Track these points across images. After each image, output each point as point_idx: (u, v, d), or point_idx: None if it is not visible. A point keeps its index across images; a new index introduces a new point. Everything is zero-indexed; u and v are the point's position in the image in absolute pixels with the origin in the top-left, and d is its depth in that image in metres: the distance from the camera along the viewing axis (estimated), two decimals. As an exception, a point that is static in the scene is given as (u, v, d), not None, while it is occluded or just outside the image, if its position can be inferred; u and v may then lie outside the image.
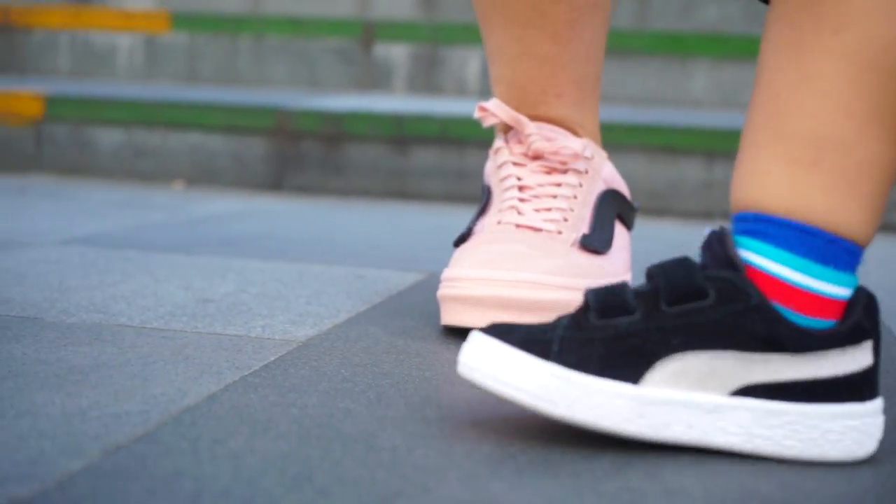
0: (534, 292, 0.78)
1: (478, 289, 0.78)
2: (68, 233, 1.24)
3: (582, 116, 0.90)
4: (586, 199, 0.87)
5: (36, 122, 1.87)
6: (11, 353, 0.71)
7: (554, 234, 0.84)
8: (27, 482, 0.50)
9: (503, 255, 0.80)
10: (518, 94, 0.88)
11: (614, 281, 0.84)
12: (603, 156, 0.90)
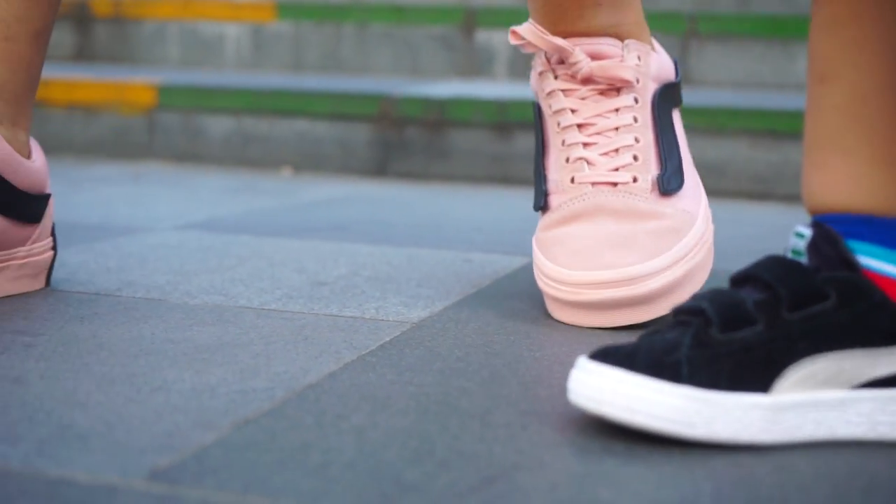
0: (640, 287, 0.78)
1: (584, 294, 0.78)
2: (184, 218, 1.28)
3: (623, 14, 0.84)
4: (646, 119, 0.84)
5: (149, 110, 1.93)
6: (141, 333, 0.75)
7: (630, 184, 0.81)
8: (166, 453, 0.53)
9: (598, 247, 0.79)
10: (554, 10, 0.83)
11: (701, 221, 0.83)
12: (647, 50, 0.85)
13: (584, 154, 0.82)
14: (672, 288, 0.79)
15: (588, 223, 0.80)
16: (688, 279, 0.80)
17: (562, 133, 0.83)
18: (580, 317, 0.79)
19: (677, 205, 0.82)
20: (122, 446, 0.53)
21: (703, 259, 0.83)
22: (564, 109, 0.83)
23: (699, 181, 0.87)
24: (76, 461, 0.51)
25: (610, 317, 0.78)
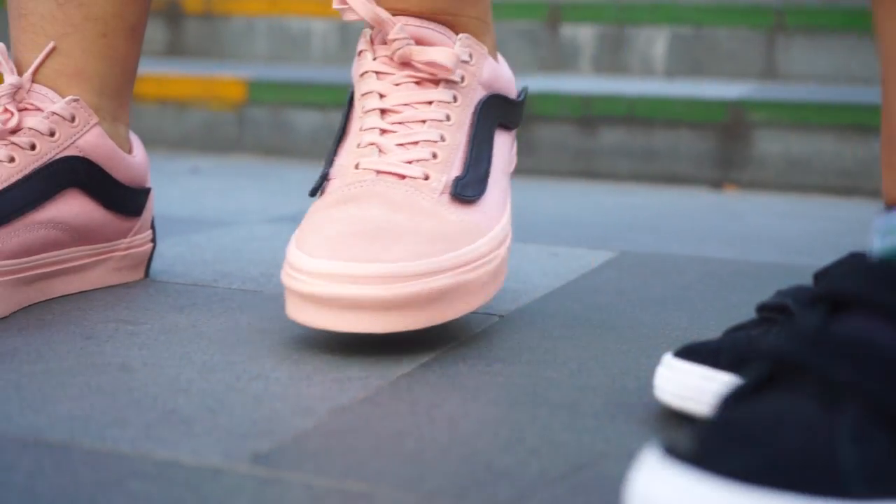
0: (386, 289, 0.66)
1: (316, 285, 0.66)
2: (274, 211, 1.31)
3: (464, 4, 0.77)
4: (461, 120, 0.75)
5: (239, 105, 1.97)
6: (238, 323, 0.77)
7: (420, 181, 0.72)
8: (266, 438, 0.55)
9: (355, 233, 0.68)
10: None
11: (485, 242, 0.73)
12: (482, 53, 0.77)
13: (379, 140, 0.74)
14: (427, 300, 0.68)
15: (355, 208, 0.70)
16: (453, 295, 0.70)
17: (363, 118, 0.75)
18: (311, 314, 0.68)
19: (467, 215, 0.73)
20: (225, 431, 0.56)
21: (480, 280, 0.72)
22: (372, 93, 0.75)
23: (506, 208, 0.79)
24: (181, 444, 0.54)
25: (343, 319, 0.66)
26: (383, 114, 0.75)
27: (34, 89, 0.83)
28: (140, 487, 0.49)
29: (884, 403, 0.37)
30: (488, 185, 0.76)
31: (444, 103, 0.75)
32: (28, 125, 0.81)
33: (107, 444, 0.53)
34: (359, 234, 0.68)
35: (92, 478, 0.49)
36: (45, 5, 0.83)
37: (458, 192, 0.73)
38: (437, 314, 0.69)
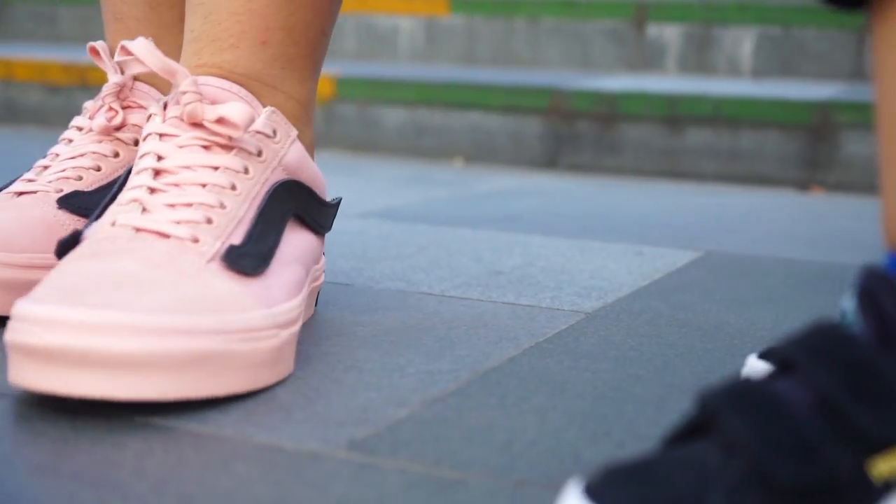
0: (130, 341, 0.54)
1: (46, 336, 0.54)
2: (363, 206, 1.34)
3: (286, 76, 0.71)
4: (249, 193, 0.66)
5: (327, 101, 2.00)
6: (332, 316, 0.79)
7: (187, 242, 0.61)
8: (362, 426, 0.57)
9: (95, 280, 0.56)
10: (211, 30, 0.69)
11: (261, 315, 0.61)
12: (291, 134, 0.70)
13: (143, 197, 0.63)
14: (177, 363, 0.56)
15: (103, 263, 0.59)
16: (218, 366, 0.58)
17: (132, 179, 0.65)
18: (31, 374, 0.55)
19: (240, 287, 0.61)
20: (322, 418, 0.58)
21: (254, 357, 0.60)
22: (150, 154, 0.66)
23: (298, 298, 0.67)
24: (281, 430, 0.56)
25: (71, 380, 0.54)
26: (157, 174, 0.65)
27: (136, 87, 0.85)
28: (244, 469, 0.51)
29: (766, 467, 0.38)
30: (274, 266, 0.65)
31: (233, 171, 0.65)
32: (132, 122, 0.84)
33: (210, 428, 0.56)
34: (103, 282, 0.56)
35: (198, 458, 0.52)
36: (139, 9, 0.86)
37: (233, 261, 0.62)
38: (192, 384, 0.57)
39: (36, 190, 0.80)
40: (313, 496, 0.48)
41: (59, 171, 0.81)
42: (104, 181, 0.81)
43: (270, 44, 0.69)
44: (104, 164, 0.82)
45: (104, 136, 0.83)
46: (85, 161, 0.82)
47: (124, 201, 0.64)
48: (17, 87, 2.31)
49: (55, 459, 0.51)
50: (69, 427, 0.55)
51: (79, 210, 0.79)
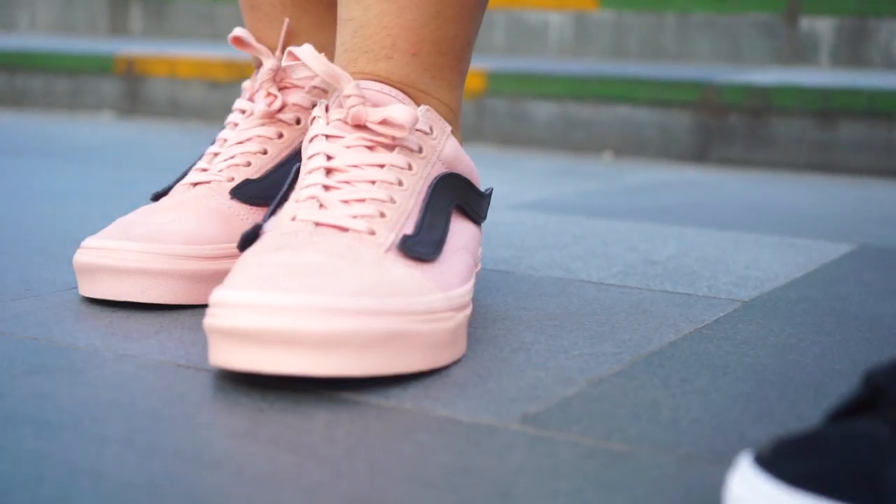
0: (324, 322, 0.58)
1: (246, 318, 0.58)
2: (516, 199, 1.37)
3: (436, 84, 0.74)
4: (415, 187, 0.70)
5: (478, 96, 2.03)
6: (495, 301, 0.83)
7: (364, 234, 0.66)
8: (533, 402, 0.60)
9: (287, 269, 0.61)
10: (363, 43, 0.73)
11: (439, 298, 0.65)
12: (445, 130, 0.73)
13: (320, 194, 0.68)
14: (365, 342, 0.59)
15: (290, 254, 0.63)
16: (401, 344, 0.61)
17: (305, 178, 0.70)
18: (232, 353, 0.59)
19: (418, 272, 0.65)
20: (495, 395, 0.61)
21: (433, 337, 0.64)
22: (319, 154, 0.70)
23: (468, 284, 0.71)
24: (458, 405, 0.59)
25: (271, 358, 0.58)
26: (328, 173, 0.69)
27: (289, 68, 0.83)
28: (426, 439, 0.55)
29: None
30: (445, 253, 0.69)
31: (398, 168, 0.69)
32: (291, 102, 0.87)
33: (391, 402, 0.60)
34: (294, 270, 0.60)
35: (383, 429, 0.56)
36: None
37: (409, 249, 0.66)
38: (379, 362, 0.60)
39: (209, 180, 0.85)
40: (493, 464, 0.51)
41: (228, 157, 0.86)
42: (271, 164, 0.85)
43: (420, 55, 0.73)
44: (270, 146, 0.86)
45: (267, 120, 0.86)
46: (252, 146, 0.86)
47: (302, 198, 0.68)
48: (180, 84, 2.40)
49: (253, 426, 0.56)
50: (262, 400, 0.60)
51: (250, 200, 0.84)
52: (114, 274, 0.77)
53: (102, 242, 0.78)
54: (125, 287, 0.77)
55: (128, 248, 0.77)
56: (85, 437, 0.54)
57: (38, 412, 0.57)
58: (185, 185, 0.85)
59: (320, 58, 0.69)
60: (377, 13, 0.72)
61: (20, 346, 0.69)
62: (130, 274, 0.77)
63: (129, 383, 0.62)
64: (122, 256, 0.77)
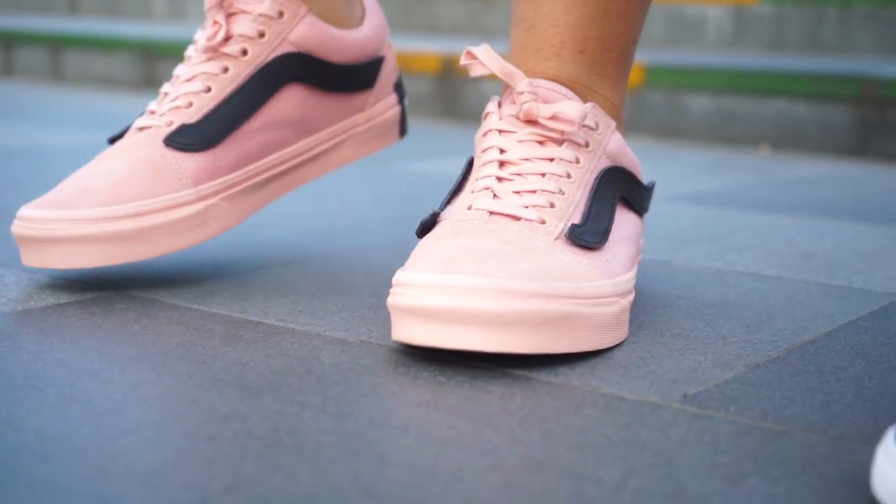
0: (499, 302, 0.63)
1: (428, 298, 0.63)
2: (673, 191, 1.40)
3: (601, 81, 0.78)
4: (582, 180, 0.73)
5: (636, 89, 2.06)
6: (655, 290, 0.87)
7: (535, 223, 0.70)
8: (693, 384, 0.64)
9: (465, 254, 0.65)
10: (534, 41, 0.77)
11: (605, 284, 0.70)
12: (610, 126, 0.77)
13: (494, 185, 0.72)
14: (537, 322, 0.64)
15: (466, 239, 0.67)
16: (569, 326, 0.66)
17: (479, 170, 0.74)
18: (415, 330, 0.65)
19: (585, 259, 0.70)
20: (657, 376, 0.65)
21: (600, 320, 0.68)
22: (493, 148, 0.74)
23: (632, 271, 0.75)
24: (622, 384, 0.64)
25: (450, 335, 0.63)
26: (501, 165, 0.73)
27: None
28: (593, 413, 0.59)
29: None
30: (610, 242, 0.73)
31: (566, 161, 0.73)
32: (237, 32, 0.84)
33: (560, 379, 0.64)
34: (471, 255, 0.65)
35: (553, 403, 0.60)
36: None
37: (577, 237, 0.70)
38: (549, 341, 0.65)
39: (150, 125, 0.83)
40: (656, 437, 0.56)
41: (173, 98, 0.84)
42: (212, 104, 0.83)
43: (587, 52, 0.77)
44: (214, 83, 0.84)
45: (212, 54, 0.84)
46: (195, 85, 0.84)
47: (477, 189, 0.73)
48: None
49: (433, 397, 0.61)
50: (441, 374, 0.65)
51: (185, 146, 0.82)
52: (39, 244, 0.79)
53: (30, 213, 0.79)
54: (49, 256, 0.79)
55: (47, 217, 0.78)
56: (284, 402, 0.60)
57: (239, 378, 0.63)
58: (134, 129, 0.85)
59: (497, 57, 0.74)
60: (546, 12, 0.77)
61: (215, 319, 0.75)
62: (54, 242, 0.78)
63: (318, 355, 0.68)
64: (44, 227, 0.78)
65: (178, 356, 0.67)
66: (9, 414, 0.56)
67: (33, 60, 3.13)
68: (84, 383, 0.62)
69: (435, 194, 1.31)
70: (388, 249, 0.99)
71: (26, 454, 0.51)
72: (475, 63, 0.75)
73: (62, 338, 0.70)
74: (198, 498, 0.47)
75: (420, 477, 0.50)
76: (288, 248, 0.99)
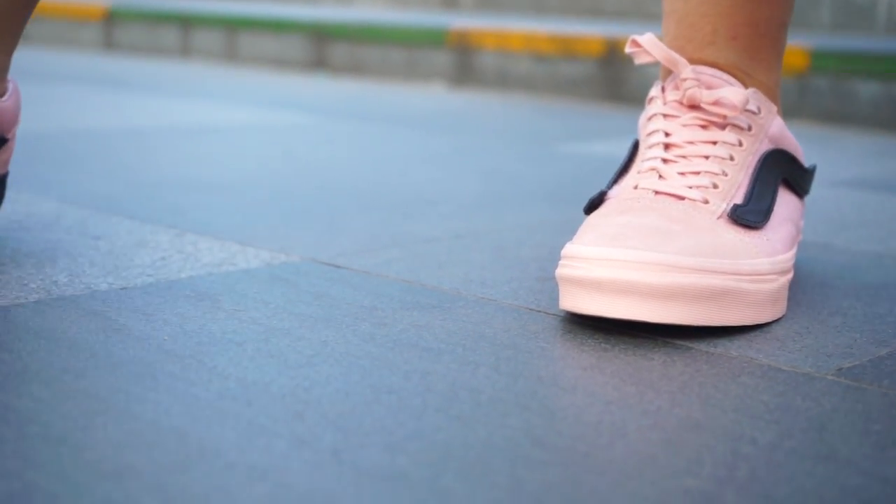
0: (662, 276, 0.67)
1: (596, 270, 0.68)
2: (836, 175, 1.41)
3: (755, 66, 0.80)
4: (745, 162, 0.77)
5: (801, 73, 2.06)
6: (814, 270, 0.89)
7: (699, 203, 0.74)
8: (847, 358, 0.67)
9: (632, 230, 0.69)
10: (686, 32, 0.80)
11: (765, 262, 0.72)
12: (772, 110, 0.79)
13: (659, 166, 0.76)
14: (697, 295, 0.68)
15: (632, 216, 0.71)
16: (728, 300, 0.70)
17: (645, 152, 0.78)
18: (583, 300, 0.69)
19: (746, 237, 0.73)
20: (812, 350, 0.68)
21: (758, 296, 0.72)
22: (658, 131, 0.78)
23: (791, 251, 0.78)
24: (778, 356, 0.67)
25: (615, 305, 0.68)
26: (666, 148, 0.77)
27: None
28: (750, 381, 0.62)
29: None
30: (771, 222, 0.76)
31: (729, 145, 0.77)
32: None
33: (719, 350, 0.68)
34: (636, 230, 0.69)
35: (711, 371, 0.64)
36: None
37: (738, 216, 0.73)
38: (708, 314, 0.69)
39: None
40: (810, 405, 0.59)
41: None
42: None
43: (739, 38, 0.79)
44: None
45: None
46: None
47: (643, 170, 0.77)
48: (508, 57, 2.53)
49: (598, 362, 0.65)
50: (605, 341, 0.69)
51: None
52: None
53: None
54: None
55: None
56: (460, 362, 0.64)
57: (418, 339, 0.68)
58: None
59: (660, 45, 0.77)
60: (696, 4, 0.80)
61: (394, 286, 0.81)
62: None
63: (490, 321, 0.73)
64: None
65: (361, 318, 0.73)
66: (213, 364, 0.63)
67: (209, 41, 3.25)
68: (278, 339, 0.68)
69: (598, 176, 1.35)
70: (553, 226, 1.04)
71: (231, 399, 0.57)
72: (640, 51, 0.78)
73: (255, 299, 0.76)
74: (385, 442, 0.52)
75: (586, 431, 0.54)
76: (458, 223, 1.04)
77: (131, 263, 0.85)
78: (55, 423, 0.53)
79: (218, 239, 0.94)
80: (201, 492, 0.46)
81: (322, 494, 0.46)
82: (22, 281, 0.78)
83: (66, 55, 3.38)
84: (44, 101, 2.04)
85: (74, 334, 0.67)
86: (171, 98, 2.17)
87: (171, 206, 1.07)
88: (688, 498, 0.47)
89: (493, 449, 0.52)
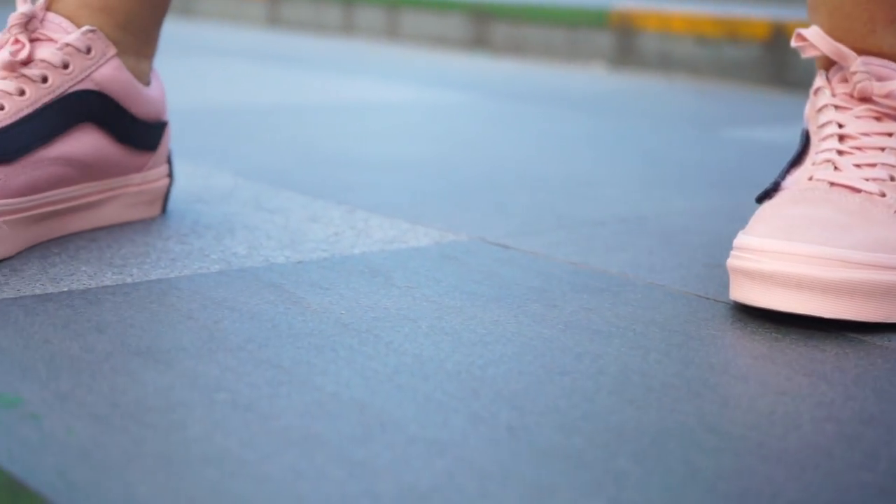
0: (836, 271, 0.66)
1: (768, 263, 0.68)
2: None
3: None
4: None
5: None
6: None
7: (875, 196, 0.72)
8: None
9: (806, 223, 0.68)
10: (842, 24, 0.78)
11: None
12: None
13: (835, 158, 0.75)
14: (872, 292, 0.67)
15: (806, 207, 0.70)
16: (890, 295, 0.68)
17: (819, 144, 0.77)
18: (755, 292, 0.69)
19: None
20: None
21: None
22: (831, 122, 0.77)
23: None
24: None
25: (788, 299, 0.67)
26: (841, 139, 0.76)
27: (48, 19, 0.80)
28: None
29: None
30: None
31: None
32: (40, 57, 0.79)
33: (893, 343, 0.67)
34: (810, 222, 0.69)
35: (885, 365, 0.63)
36: None
37: None
38: (883, 311, 0.68)
39: None
40: None
41: None
42: (6, 121, 0.77)
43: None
44: (8, 102, 0.77)
45: (9, 73, 0.78)
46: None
47: (818, 161, 0.76)
48: (671, 39, 2.51)
49: (769, 352, 0.65)
50: (776, 332, 0.69)
51: None
52: None
53: None
54: None
55: None
56: (630, 346, 0.65)
57: (588, 322, 0.69)
58: None
59: (826, 38, 0.76)
60: None
61: (562, 268, 0.82)
62: None
63: (660, 306, 0.73)
64: None
65: (531, 299, 0.74)
66: (389, 339, 0.64)
67: (371, 19, 3.29)
68: (451, 317, 0.69)
69: (764, 162, 1.33)
70: (720, 213, 1.03)
71: (408, 374, 0.59)
72: (806, 45, 0.78)
73: (426, 276, 0.78)
74: (559, 422, 0.53)
75: (760, 421, 0.54)
76: (623, 207, 1.04)
77: (306, 238, 0.87)
78: (242, 391, 0.55)
79: (388, 216, 0.96)
80: (383, 465, 0.47)
81: (501, 471, 0.47)
82: (203, 252, 0.81)
83: (231, 30, 3.47)
84: (213, 76, 2.10)
85: (255, 305, 0.69)
86: (334, 75, 2.21)
87: (341, 183, 1.10)
88: (863, 492, 0.47)
89: (666, 434, 0.52)
